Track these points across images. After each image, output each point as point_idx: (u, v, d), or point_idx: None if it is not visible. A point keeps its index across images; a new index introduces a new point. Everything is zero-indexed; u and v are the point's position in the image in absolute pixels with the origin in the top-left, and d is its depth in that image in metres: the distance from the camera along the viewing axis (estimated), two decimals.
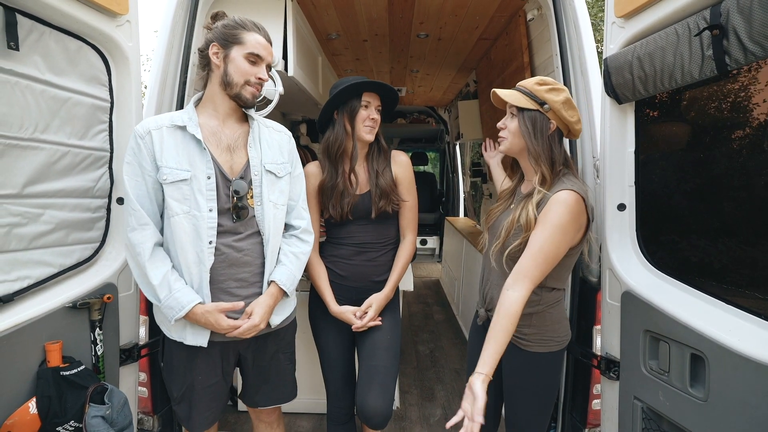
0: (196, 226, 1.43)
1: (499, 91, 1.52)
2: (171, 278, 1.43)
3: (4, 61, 1.30)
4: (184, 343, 1.50)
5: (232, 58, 1.47)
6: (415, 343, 3.82)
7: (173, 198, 1.43)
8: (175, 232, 1.44)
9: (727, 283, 1.30)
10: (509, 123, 1.52)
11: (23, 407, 1.34)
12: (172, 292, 1.42)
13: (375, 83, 1.75)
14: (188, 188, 1.44)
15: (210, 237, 1.45)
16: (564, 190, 1.39)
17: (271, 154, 1.58)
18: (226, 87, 1.49)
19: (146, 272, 1.41)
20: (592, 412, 1.79)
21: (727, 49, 1.15)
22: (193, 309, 1.42)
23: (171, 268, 1.45)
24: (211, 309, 1.43)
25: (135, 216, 1.43)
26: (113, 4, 1.58)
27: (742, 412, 1.17)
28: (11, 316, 1.34)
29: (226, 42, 1.47)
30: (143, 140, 1.43)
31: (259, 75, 1.49)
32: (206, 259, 1.45)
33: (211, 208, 1.45)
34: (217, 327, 1.45)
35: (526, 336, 1.51)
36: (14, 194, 1.36)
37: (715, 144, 1.35)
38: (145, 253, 1.41)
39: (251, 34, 1.48)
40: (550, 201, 1.39)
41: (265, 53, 1.50)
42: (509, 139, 1.52)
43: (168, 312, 1.43)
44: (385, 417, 1.69)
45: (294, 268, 1.60)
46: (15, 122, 1.34)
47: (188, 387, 1.56)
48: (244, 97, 1.49)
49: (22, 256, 1.40)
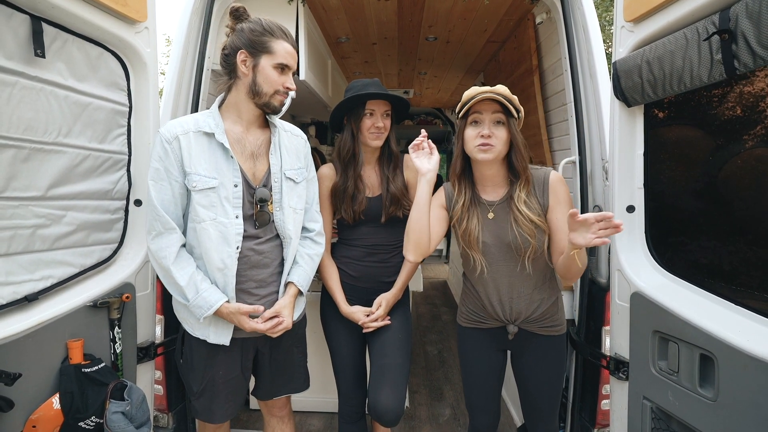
0: (222, 232, 1.46)
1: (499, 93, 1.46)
2: (197, 278, 1.46)
3: (30, 68, 1.35)
4: (208, 341, 1.53)
5: (261, 68, 1.47)
6: (424, 344, 3.84)
7: (201, 205, 1.45)
8: (201, 238, 1.46)
9: (736, 284, 1.31)
10: (496, 130, 1.48)
11: (47, 402, 1.38)
12: (200, 292, 1.45)
13: (377, 94, 1.74)
14: (215, 195, 1.46)
15: (237, 243, 1.48)
16: (551, 170, 1.54)
17: (290, 160, 1.61)
18: (255, 96, 1.49)
19: (172, 275, 1.43)
20: (601, 412, 1.80)
21: (735, 53, 1.17)
22: (220, 308, 1.46)
23: (196, 269, 1.48)
24: (234, 311, 1.48)
25: (160, 221, 1.44)
26: (132, 12, 1.63)
27: (752, 412, 1.18)
28: (36, 314, 1.39)
29: (255, 50, 1.46)
30: (171, 145, 1.43)
31: (287, 84, 1.51)
32: (232, 264, 1.48)
33: (237, 215, 1.48)
34: (242, 326, 1.50)
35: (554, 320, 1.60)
36: (39, 196, 1.41)
37: (723, 146, 1.36)
38: (170, 257, 1.43)
39: (280, 43, 1.48)
40: (552, 182, 1.52)
41: (293, 62, 1.52)
42: (498, 147, 1.48)
43: (197, 311, 1.46)
44: (397, 414, 1.72)
45: (309, 269, 1.65)
46: (40, 127, 1.39)
47: (209, 381, 1.59)
48: (272, 106, 1.52)
49: (45, 256, 1.45)
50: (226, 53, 1.51)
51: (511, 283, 1.56)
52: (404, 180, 1.85)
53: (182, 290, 1.45)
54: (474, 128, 1.51)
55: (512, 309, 1.57)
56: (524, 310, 1.56)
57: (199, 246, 1.47)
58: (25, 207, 1.36)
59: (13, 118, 1.30)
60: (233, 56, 1.48)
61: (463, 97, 1.53)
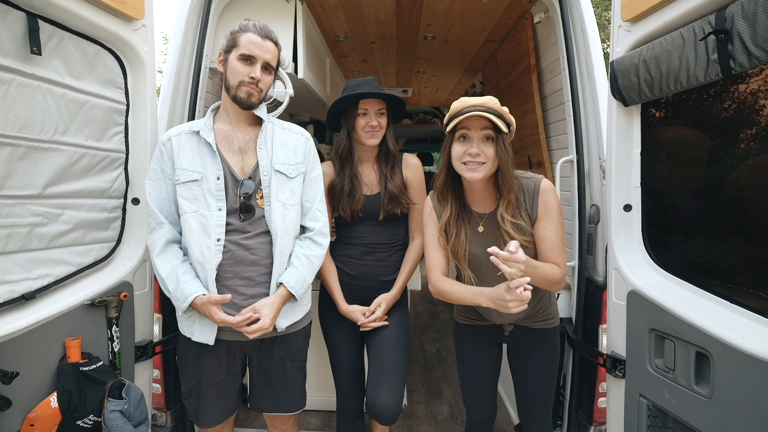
0: (203, 224, 1.50)
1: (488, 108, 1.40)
2: (179, 271, 1.49)
3: (27, 65, 1.34)
4: (192, 338, 1.55)
5: (229, 62, 1.52)
6: (422, 342, 3.84)
7: (183, 197, 1.52)
8: (184, 230, 1.53)
9: (732, 282, 1.32)
10: (485, 148, 1.41)
11: (45, 401, 1.38)
12: (179, 284, 1.48)
13: (368, 93, 1.74)
14: (198, 188, 1.51)
15: (218, 234, 1.49)
16: (542, 179, 1.49)
17: (283, 154, 1.60)
18: (227, 90, 1.54)
19: (156, 266, 1.52)
20: (598, 410, 1.81)
21: (731, 53, 1.18)
22: (195, 300, 1.46)
23: (182, 262, 1.51)
24: (205, 301, 1.46)
25: (152, 217, 1.55)
26: (130, 10, 1.62)
27: (747, 409, 1.19)
28: (34, 313, 1.39)
29: (228, 47, 1.53)
30: (165, 147, 1.55)
31: (252, 74, 1.49)
32: (213, 257, 1.49)
33: (220, 207, 1.50)
34: (212, 319, 1.47)
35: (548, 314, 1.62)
36: (36, 195, 1.40)
37: (719, 145, 1.37)
38: (156, 250, 1.52)
39: (246, 35, 1.50)
40: (542, 192, 1.47)
41: (259, 51, 1.50)
42: (488, 165, 1.42)
43: (176, 303, 1.50)
44: (395, 412, 1.72)
45: (305, 271, 1.58)
46: (36, 125, 1.38)
47: (195, 382, 1.61)
48: (239, 98, 1.51)
49: (42, 254, 1.45)
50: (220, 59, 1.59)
51: None
52: (403, 178, 1.86)
53: (164, 281, 1.50)
54: (462, 144, 1.43)
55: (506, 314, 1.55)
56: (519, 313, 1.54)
57: (185, 239, 1.53)
58: (21, 205, 1.36)
59: (9, 115, 1.30)
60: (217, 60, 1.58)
61: (451, 109, 1.45)
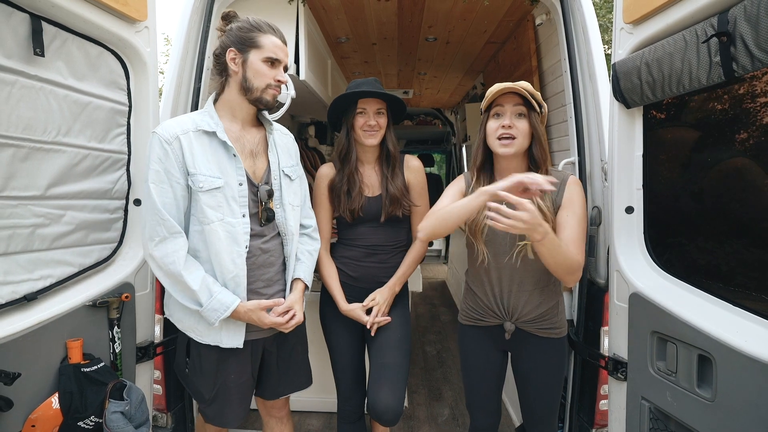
0: (231, 232, 1.45)
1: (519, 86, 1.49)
2: (209, 281, 1.44)
3: (30, 67, 1.34)
4: (221, 346, 1.50)
5: (250, 64, 1.47)
6: (423, 344, 3.84)
7: (208, 206, 1.42)
8: (209, 240, 1.43)
9: (734, 285, 1.32)
10: (518, 122, 1.51)
11: (47, 402, 1.38)
12: (213, 295, 1.42)
13: (366, 93, 1.74)
14: (222, 195, 1.44)
15: (246, 242, 1.48)
16: (572, 174, 1.54)
17: (285, 158, 1.63)
18: (246, 92, 1.49)
19: (184, 279, 1.38)
20: (600, 412, 1.80)
21: (734, 55, 1.17)
22: (237, 308, 1.45)
23: (206, 272, 1.45)
24: (253, 307, 1.47)
25: (165, 226, 1.39)
26: (133, 11, 1.63)
27: (749, 412, 1.18)
28: (35, 314, 1.39)
29: (243, 46, 1.47)
30: (171, 146, 1.40)
31: (278, 77, 1.50)
32: (243, 264, 1.48)
33: (244, 214, 1.48)
34: (261, 324, 1.50)
35: (554, 323, 1.60)
36: (38, 196, 1.40)
37: (722, 148, 1.37)
38: (180, 261, 1.39)
39: (267, 37, 1.48)
40: (570, 185, 1.52)
41: (282, 55, 1.51)
42: (519, 140, 1.51)
43: (212, 314, 1.42)
44: (396, 413, 1.72)
45: (310, 264, 1.70)
46: (39, 126, 1.39)
47: (221, 387, 1.56)
48: (265, 100, 1.51)
49: (44, 255, 1.45)
50: (217, 53, 1.52)
51: (512, 277, 1.57)
52: (404, 180, 1.86)
53: (195, 295, 1.40)
54: (496, 120, 1.54)
55: (510, 303, 1.58)
56: (522, 306, 1.56)
57: (207, 249, 1.44)
58: (24, 206, 1.36)
59: (12, 117, 1.30)
60: (223, 55, 1.49)
61: (487, 93, 1.55)
